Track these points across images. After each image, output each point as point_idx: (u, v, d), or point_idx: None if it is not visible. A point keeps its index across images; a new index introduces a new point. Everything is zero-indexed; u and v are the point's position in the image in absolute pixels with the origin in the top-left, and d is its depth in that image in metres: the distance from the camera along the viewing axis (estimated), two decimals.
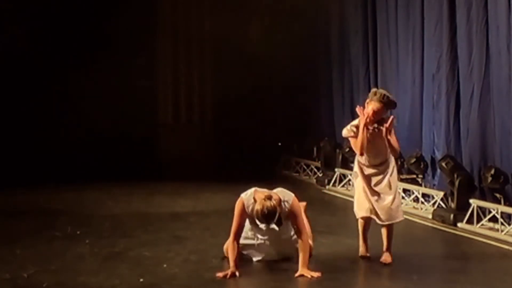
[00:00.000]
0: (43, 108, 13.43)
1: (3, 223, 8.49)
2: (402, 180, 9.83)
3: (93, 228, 8.07)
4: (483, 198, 8.18)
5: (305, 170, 13.10)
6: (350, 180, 11.27)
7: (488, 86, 8.16)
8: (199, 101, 14.74)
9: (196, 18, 14.51)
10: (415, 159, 9.39)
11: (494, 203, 7.88)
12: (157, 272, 6.07)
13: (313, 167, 12.85)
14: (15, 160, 12.48)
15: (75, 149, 13.19)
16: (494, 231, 7.65)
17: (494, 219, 7.81)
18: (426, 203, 9.26)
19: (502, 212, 7.67)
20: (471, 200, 8.09)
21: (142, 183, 11.68)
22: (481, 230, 7.82)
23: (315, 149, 12.85)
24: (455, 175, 8.29)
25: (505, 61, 7.77)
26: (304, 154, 13.31)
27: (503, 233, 7.54)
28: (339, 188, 11.28)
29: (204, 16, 14.53)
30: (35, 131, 13.23)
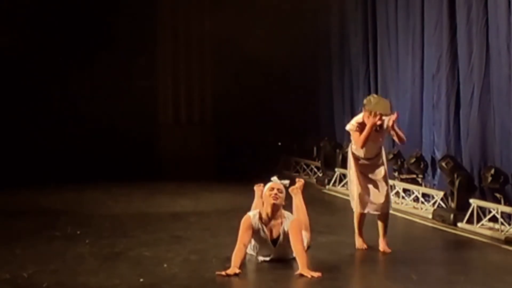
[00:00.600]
0: (43, 108, 13.44)
1: (3, 223, 8.49)
2: (402, 180, 9.84)
3: (93, 228, 8.07)
4: (483, 198, 8.18)
5: (305, 170, 13.10)
6: None
7: (488, 86, 8.16)
8: (199, 101, 14.74)
9: (196, 18, 14.51)
10: (415, 159, 9.39)
11: (494, 203, 7.88)
12: (157, 272, 6.07)
13: (313, 167, 12.86)
14: (15, 160, 12.49)
15: (75, 149, 13.20)
16: (494, 231, 7.65)
17: (494, 219, 7.81)
18: (426, 203, 9.27)
19: (502, 212, 7.67)
20: (471, 200, 8.09)
21: (142, 183, 11.69)
22: (481, 230, 7.82)
23: (315, 149, 12.86)
24: (455, 175, 8.29)
25: (505, 61, 7.77)
26: (304, 154, 13.31)
27: (503, 233, 7.53)
28: (339, 188, 11.28)
29: (204, 16, 14.53)
30: (35, 131, 13.24)
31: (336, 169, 11.63)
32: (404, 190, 9.74)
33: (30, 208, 9.60)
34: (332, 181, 11.58)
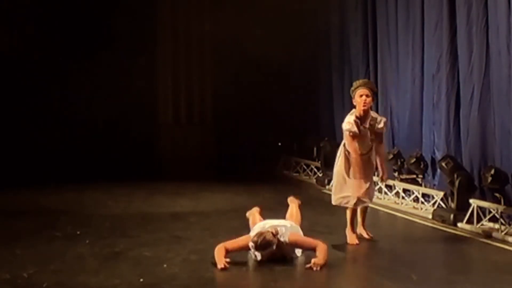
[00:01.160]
0: (43, 108, 13.44)
1: (3, 223, 8.49)
2: (402, 180, 9.84)
3: (93, 228, 8.07)
4: (483, 198, 8.17)
5: (305, 170, 13.10)
6: None
7: (488, 86, 8.16)
8: (199, 101, 14.75)
9: (196, 18, 14.52)
10: (415, 159, 9.39)
11: (494, 203, 7.88)
12: (157, 272, 6.07)
13: (313, 167, 12.86)
14: (16, 160, 12.49)
15: (75, 149, 13.20)
16: (494, 231, 7.65)
17: (494, 219, 7.80)
18: (426, 203, 9.26)
19: (502, 212, 7.67)
20: (471, 200, 8.09)
21: (142, 183, 11.68)
22: (481, 230, 7.81)
23: (315, 149, 12.85)
24: (455, 175, 8.28)
25: (505, 61, 7.76)
26: (304, 154, 13.31)
27: (503, 233, 7.53)
28: None
29: (204, 17, 14.54)
30: (35, 131, 13.24)
31: None
32: (404, 190, 9.74)
33: (30, 208, 9.60)
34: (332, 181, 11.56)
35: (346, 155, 7.15)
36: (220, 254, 6.23)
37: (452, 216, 8.18)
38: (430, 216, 8.64)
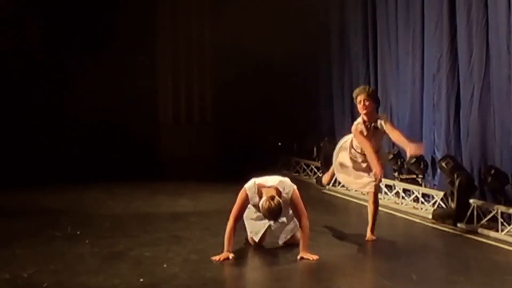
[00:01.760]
0: (43, 108, 13.44)
1: (3, 223, 8.49)
2: (402, 180, 9.84)
3: (93, 228, 8.07)
4: (483, 198, 8.17)
5: (305, 170, 13.09)
6: None
7: (488, 86, 8.15)
8: (199, 101, 14.76)
9: (196, 18, 14.53)
10: (415, 159, 9.37)
11: (494, 203, 7.87)
12: (157, 272, 6.08)
13: (313, 167, 12.85)
14: (16, 160, 12.49)
15: (76, 149, 13.20)
16: (494, 231, 7.65)
17: (494, 219, 7.80)
18: (426, 203, 9.26)
19: (502, 212, 7.67)
20: (471, 200, 8.09)
21: (142, 183, 11.68)
22: (481, 230, 7.81)
23: (315, 149, 12.85)
24: (455, 175, 8.28)
25: (505, 61, 7.76)
26: (304, 154, 13.30)
27: (503, 233, 7.53)
28: (339, 188, 11.27)
29: (204, 16, 14.55)
30: (35, 131, 13.24)
31: None
32: (404, 190, 9.74)
33: (30, 208, 9.60)
34: (332, 181, 11.56)
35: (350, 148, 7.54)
36: (231, 238, 6.47)
37: (452, 216, 8.18)
38: (430, 216, 8.63)
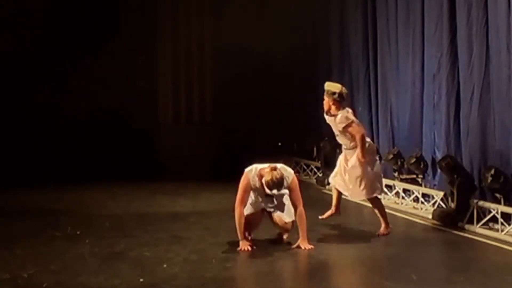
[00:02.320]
0: (43, 108, 13.43)
1: (3, 223, 8.49)
2: (402, 180, 9.83)
3: (93, 228, 8.08)
4: (483, 198, 8.17)
5: (305, 170, 13.10)
6: None
7: (488, 86, 8.15)
8: (199, 101, 14.75)
9: (196, 18, 14.52)
10: (415, 159, 9.38)
11: (494, 203, 7.87)
12: (157, 272, 6.08)
13: (313, 167, 12.85)
14: (16, 160, 12.48)
15: (76, 149, 13.19)
16: (494, 231, 7.65)
17: (494, 219, 7.80)
18: (426, 203, 9.26)
19: (502, 212, 7.67)
20: (471, 200, 8.09)
21: (142, 183, 11.68)
22: (481, 230, 7.82)
23: (315, 149, 12.85)
24: (455, 175, 8.28)
25: (505, 61, 7.76)
26: (304, 154, 13.30)
27: (503, 233, 7.54)
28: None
29: (204, 16, 14.54)
30: (35, 131, 13.24)
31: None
32: (404, 190, 9.74)
33: (30, 208, 9.60)
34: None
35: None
36: (242, 224, 6.83)
37: (452, 216, 8.18)
38: (430, 216, 8.63)
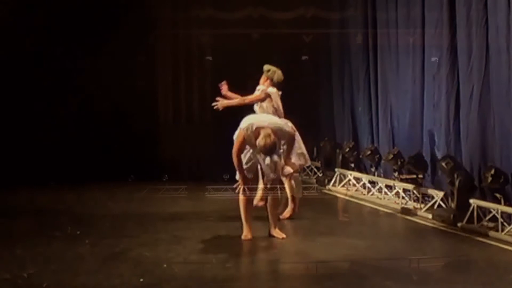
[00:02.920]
0: (43, 108, 13.42)
1: (3, 223, 8.49)
2: (402, 180, 9.83)
3: (93, 228, 8.08)
4: (483, 198, 8.17)
5: (305, 170, 13.08)
6: (350, 180, 11.28)
7: (488, 86, 8.16)
8: (199, 101, 14.73)
9: (196, 17, 14.51)
10: (415, 159, 9.39)
11: (494, 203, 7.87)
12: (157, 272, 6.07)
13: (313, 167, 12.85)
14: (16, 160, 12.47)
15: (75, 149, 13.18)
16: (494, 231, 7.65)
17: (494, 219, 7.80)
18: (426, 203, 9.26)
19: (502, 212, 7.67)
20: (471, 200, 8.09)
21: (142, 183, 11.68)
22: (481, 230, 7.81)
23: (315, 149, 12.85)
24: (455, 175, 8.28)
25: (505, 61, 7.76)
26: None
27: (503, 233, 7.54)
28: (339, 188, 11.29)
29: (204, 16, 14.52)
30: (35, 131, 13.22)
31: (336, 169, 11.62)
32: (404, 190, 9.74)
33: (30, 208, 9.60)
34: (332, 181, 11.57)
35: None
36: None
37: (452, 216, 8.18)
38: (430, 216, 8.63)
